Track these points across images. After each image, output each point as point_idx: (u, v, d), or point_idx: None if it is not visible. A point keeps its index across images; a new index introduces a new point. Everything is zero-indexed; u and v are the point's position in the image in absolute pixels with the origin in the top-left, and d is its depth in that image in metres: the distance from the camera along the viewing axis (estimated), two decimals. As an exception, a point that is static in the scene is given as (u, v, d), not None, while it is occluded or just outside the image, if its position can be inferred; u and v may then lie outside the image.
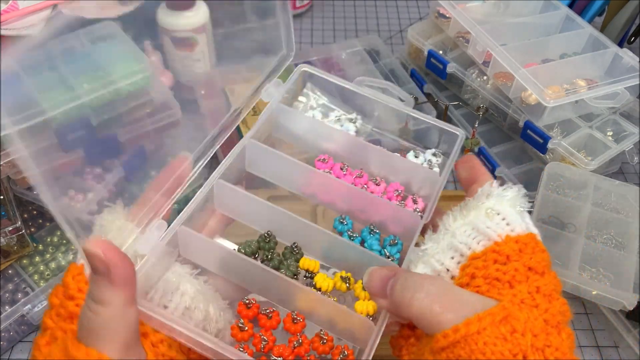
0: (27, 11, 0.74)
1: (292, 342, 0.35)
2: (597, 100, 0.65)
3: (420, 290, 0.30)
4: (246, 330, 0.34)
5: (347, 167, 0.43)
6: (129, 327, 0.30)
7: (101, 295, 0.29)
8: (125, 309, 0.30)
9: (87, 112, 0.63)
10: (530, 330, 0.28)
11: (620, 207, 0.62)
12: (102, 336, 0.29)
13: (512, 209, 0.34)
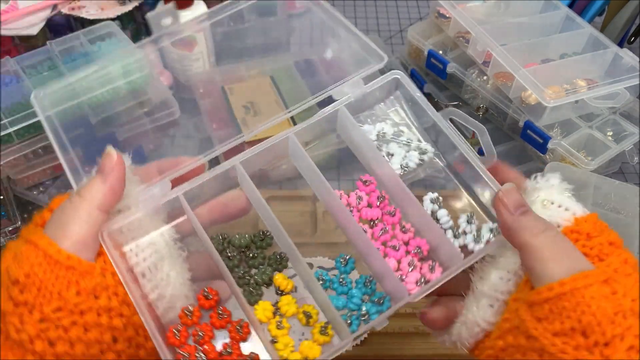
0: (27, 11, 0.74)
1: (226, 348, 0.36)
2: (597, 100, 0.65)
3: (550, 231, 0.33)
4: (190, 319, 0.36)
5: (385, 199, 0.41)
6: (89, 228, 0.34)
7: (86, 190, 0.35)
8: (97, 211, 0.34)
9: (85, 111, 0.63)
10: (629, 294, 0.30)
11: (620, 207, 0.62)
12: (65, 227, 0.33)
13: (562, 195, 0.36)
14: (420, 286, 0.37)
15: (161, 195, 0.38)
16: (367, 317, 0.37)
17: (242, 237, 0.40)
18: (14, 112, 0.59)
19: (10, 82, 0.63)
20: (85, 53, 0.67)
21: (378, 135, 0.44)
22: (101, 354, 0.34)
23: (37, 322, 0.32)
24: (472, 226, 0.40)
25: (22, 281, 0.32)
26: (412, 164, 0.43)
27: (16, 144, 0.61)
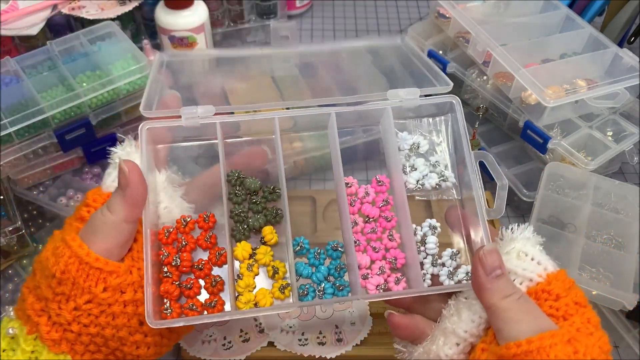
0: (27, 11, 0.74)
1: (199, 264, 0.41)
2: (597, 100, 0.65)
3: (516, 295, 0.36)
4: (184, 228, 0.41)
5: (388, 204, 0.44)
6: (119, 237, 0.38)
7: (112, 205, 0.38)
8: (124, 223, 0.38)
9: (86, 112, 0.63)
10: (590, 354, 0.33)
11: (620, 207, 0.62)
12: (95, 235, 0.38)
13: (535, 248, 0.39)
14: (378, 291, 0.40)
15: (202, 117, 0.42)
16: (322, 294, 0.40)
17: (254, 181, 0.43)
18: (14, 112, 0.59)
19: (10, 82, 0.63)
20: (85, 53, 0.67)
21: (412, 147, 0.46)
22: (129, 335, 0.39)
23: (71, 309, 0.38)
24: (452, 262, 0.42)
25: (58, 276, 0.38)
26: (428, 185, 0.44)
27: (16, 144, 0.61)
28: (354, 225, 0.42)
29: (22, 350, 0.38)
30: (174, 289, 0.40)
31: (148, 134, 0.42)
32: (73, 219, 0.41)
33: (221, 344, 0.54)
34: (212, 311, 0.40)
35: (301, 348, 0.54)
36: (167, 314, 0.39)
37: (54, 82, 0.64)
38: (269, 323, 0.55)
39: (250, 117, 0.43)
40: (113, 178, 0.42)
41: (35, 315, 0.39)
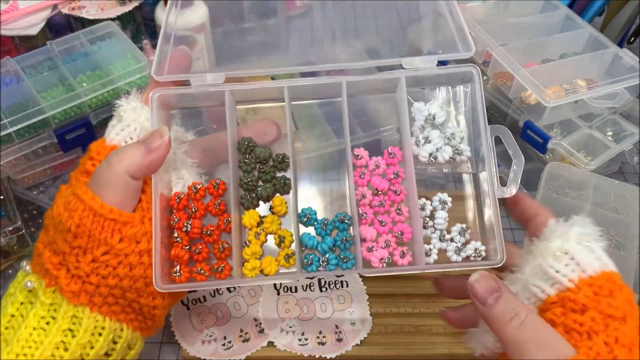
0: (27, 11, 0.74)
1: (208, 230, 0.41)
2: (597, 100, 0.65)
3: (517, 319, 0.33)
4: (194, 195, 0.42)
5: (399, 177, 0.42)
6: (128, 189, 0.39)
7: (125, 155, 0.38)
8: (130, 178, 0.38)
9: (86, 112, 0.63)
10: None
11: (620, 207, 0.62)
12: (104, 188, 0.38)
13: (580, 245, 0.36)
14: (382, 264, 0.40)
15: (213, 84, 0.42)
16: (325, 265, 0.40)
17: (265, 150, 0.43)
18: (14, 112, 0.59)
19: (11, 82, 0.63)
20: (85, 53, 0.67)
21: (427, 118, 0.44)
22: (146, 287, 0.40)
23: (89, 262, 0.38)
24: (461, 238, 0.41)
25: (73, 230, 0.38)
26: (442, 158, 0.43)
27: (16, 144, 0.61)
28: (362, 198, 0.42)
29: (41, 303, 0.39)
30: (184, 253, 0.41)
31: (158, 100, 0.42)
32: (78, 173, 0.42)
33: (221, 344, 0.54)
34: (219, 276, 0.41)
35: (301, 348, 0.54)
36: (177, 277, 0.41)
37: (54, 82, 0.64)
38: (269, 323, 0.55)
39: (260, 85, 0.43)
40: (117, 131, 0.42)
41: (54, 268, 0.39)
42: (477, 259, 0.41)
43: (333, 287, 0.58)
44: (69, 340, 0.38)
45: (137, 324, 0.42)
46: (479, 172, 0.43)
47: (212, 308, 0.56)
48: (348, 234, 0.42)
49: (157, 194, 0.40)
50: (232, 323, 0.55)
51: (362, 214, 0.41)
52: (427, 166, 0.43)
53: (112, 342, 0.41)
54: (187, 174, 0.43)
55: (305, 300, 0.57)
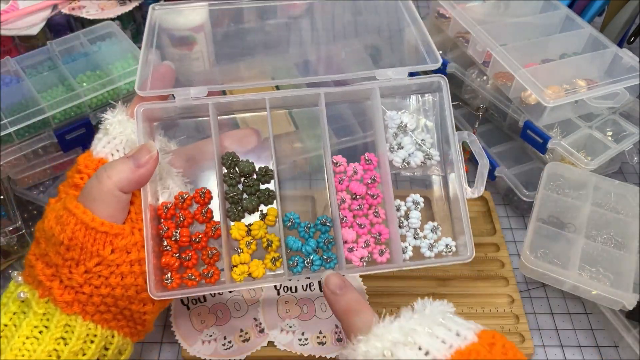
0: (27, 11, 0.74)
1: (196, 237, 0.43)
2: (597, 100, 0.65)
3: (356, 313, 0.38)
4: (181, 204, 0.44)
5: (375, 182, 0.45)
6: (118, 204, 0.40)
7: (114, 173, 0.39)
8: (122, 193, 0.40)
9: (86, 112, 0.63)
10: None
11: (620, 207, 0.62)
12: (95, 202, 0.39)
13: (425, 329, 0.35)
14: (362, 263, 0.44)
15: (196, 97, 0.44)
16: (310, 265, 0.43)
17: (249, 164, 0.45)
18: (14, 112, 0.59)
19: (11, 82, 0.63)
20: (85, 53, 0.67)
21: (399, 125, 0.47)
22: (137, 294, 0.41)
23: (82, 273, 0.39)
24: (433, 235, 0.45)
25: (66, 243, 0.39)
26: (414, 163, 0.46)
27: (16, 144, 0.61)
28: (342, 202, 0.45)
29: (34, 313, 0.40)
30: (174, 260, 0.43)
31: (143, 114, 0.43)
32: (67, 187, 0.43)
33: (221, 343, 0.54)
34: (209, 281, 0.43)
35: (301, 348, 0.54)
36: (169, 283, 0.42)
37: (54, 82, 0.64)
38: (269, 323, 0.55)
39: (241, 97, 0.45)
40: (103, 144, 0.43)
41: (47, 280, 0.40)
42: (448, 254, 0.45)
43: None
44: (61, 348, 0.39)
45: (127, 330, 0.44)
46: (448, 175, 0.47)
47: (212, 308, 0.56)
48: (330, 235, 0.44)
49: (146, 205, 0.42)
50: (232, 323, 0.55)
51: (342, 218, 0.44)
52: (400, 170, 0.47)
53: (103, 348, 0.42)
54: (172, 184, 0.45)
55: (305, 300, 0.57)
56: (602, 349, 0.58)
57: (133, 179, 0.40)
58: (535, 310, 0.61)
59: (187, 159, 0.46)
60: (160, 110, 0.45)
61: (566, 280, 0.53)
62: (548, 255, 0.57)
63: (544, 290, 0.62)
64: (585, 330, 0.59)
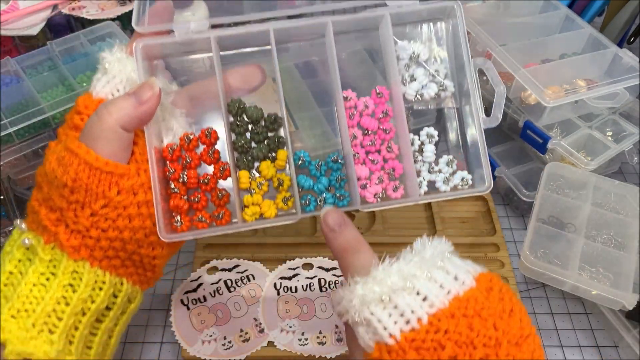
0: (27, 11, 0.74)
1: (204, 178, 0.42)
2: (597, 101, 0.65)
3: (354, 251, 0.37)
4: (187, 145, 0.42)
5: (388, 115, 0.44)
6: (121, 141, 0.38)
7: (115, 107, 0.38)
8: (121, 129, 0.38)
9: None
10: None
11: (620, 207, 0.62)
12: (97, 141, 0.37)
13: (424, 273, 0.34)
14: (376, 199, 0.42)
15: (196, 31, 0.42)
16: (323, 204, 0.42)
17: (257, 110, 0.43)
18: (14, 112, 0.59)
19: (11, 82, 0.63)
20: (85, 53, 0.67)
21: (411, 56, 0.45)
22: (145, 237, 0.40)
23: (88, 216, 0.38)
24: (448, 169, 0.44)
25: (70, 185, 0.37)
26: (427, 95, 0.44)
27: (16, 144, 0.61)
28: (354, 138, 0.43)
29: (40, 259, 0.38)
30: (183, 203, 0.41)
31: (142, 50, 0.41)
32: (67, 129, 0.41)
33: (221, 343, 0.54)
34: (219, 222, 0.42)
35: (301, 348, 0.54)
36: (178, 226, 0.41)
37: (54, 82, 0.64)
38: (269, 323, 0.55)
39: (244, 29, 0.43)
40: (103, 84, 0.41)
41: (52, 225, 0.39)
42: (464, 188, 0.43)
43: (333, 287, 0.58)
44: (69, 295, 0.38)
45: (136, 277, 0.43)
46: (463, 107, 0.44)
47: (212, 308, 0.56)
48: (342, 173, 0.43)
49: (151, 146, 0.40)
50: (232, 323, 0.55)
51: (354, 154, 0.43)
52: (413, 104, 0.45)
53: (112, 296, 0.41)
54: (176, 124, 0.43)
55: (305, 300, 0.57)
56: (602, 349, 0.58)
57: (135, 115, 0.38)
58: (535, 310, 0.61)
59: (190, 98, 0.44)
60: (161, 46, 0.43)
61: (566, 281, 0.53)
62: (548, 256, 0.57)
63: (543, 290, 0.63)
64: (585, 330, 0.59)
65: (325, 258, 0.60)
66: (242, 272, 0.58)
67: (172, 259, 0.64)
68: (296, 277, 0.58)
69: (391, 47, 0.44)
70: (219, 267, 0.58)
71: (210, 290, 0.57)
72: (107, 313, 0.41)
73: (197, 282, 0.57)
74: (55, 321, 0.37)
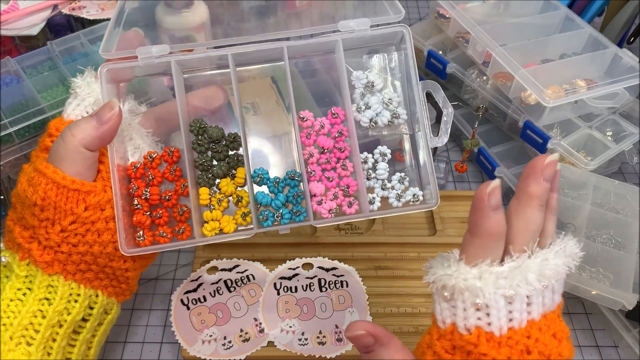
0: (27, 11, 0.74)
1: (167, 194, 0.44)
2: (597, 101, 0.65)
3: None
4: (150, 163, 0.44)
5: (343, 135, 0.46)
6: (85, 161, 0.40)
7: (78, 131, 0.39)
8: (85, 150, 0.40)
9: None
10: None
11: (620, 207, 0.62)
12: (63, 161, 0.39)
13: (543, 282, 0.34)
14: (331, 215, 0.44)
15: (157, 55, 0.44)
16: (280, 219, 0.44)
17: (217, 130, 0.45)
18: (14, 112, 0.59)
19: (11, 82, 0.63)
20: (85, 53, 0.67)
21: (366, 85, 0.47)
22: (115, 251, 0.42)
23: (58, 232, 0.40)
24: (400, 186, 0.46)
25: (39, 203, 0.39)
26: (381, 122, 0.47)
27: (16, 144, 0.61)
28: (310, 156, 0.45)
29: (16, 276, 0.40)
30: (145, 218, 0.43)
31: (108, 74, 0.44)
32: (38, 151, 0.43)
33: (221, 343, 0.54)
34: (181, 237, 0.44)
35: (301, 348, 0.54)
36: (141, 241, 0.43)
37: (55, 82, 0.64)
38: (269, 323, 0.55)
39: (204, 54, 0.45)
40: (73, 107, 0.44)
41: (26, 242, 0.41)
42: (415, 204, 0.45)
43: (333, 287, 0.58)
44: (45, 308, 0.40)
45: (111, 289, 0.45)
46: (415, 133, 0.47)
47: (212, 308, 0.56)
48: (299, 189, 0.45)
49: (114, 164, 0.42)
50: (232, 323, 0.55)
51: (310, 172, 0.45)
52: (368, 130, 0.47)
53: (88, 307, 0.43)
54: (142, 144, 0.45)
55: (305, 300, 0.57)
56: (602, 349, 0.58)
57: (97, 135, 0.40)
58: (535, 310, 0.61)
59: (156, 119, 0.47)
60: (125, 69, 0.45)
61: (566, 280, 0.53)
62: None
63: (543, 290, 0.63)
64: (585, 330, 0.59)
65: (325, 258, 0.60)
66: (242, 272, 0.58)
67: (172, 258, 0.64)
68: (296, 277, 0.58)
69: (343, 71, 0.46)
70: (219, 267, 0.58)
71: (210, 290, 0.57)
72: (84, 324, 0.43)
73: (197, 282, 0.57)
74: (32, 334, 0.39)
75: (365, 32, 0.46)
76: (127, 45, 0.44)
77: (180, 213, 0.44)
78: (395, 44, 0.48)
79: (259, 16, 0.91)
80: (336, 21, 0.45)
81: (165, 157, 0.45)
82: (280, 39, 0.45)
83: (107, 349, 0.56)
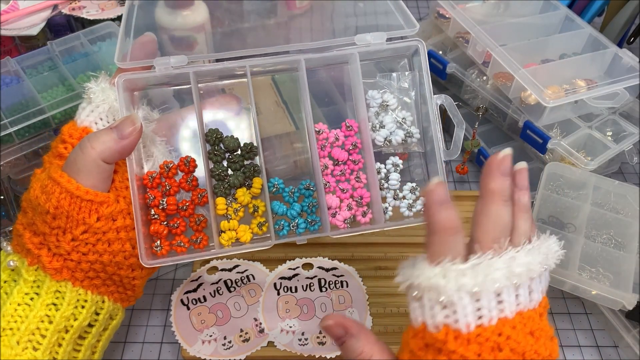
0: (28, 11, 0.74)
1: (184, 204, 0.44)
2: (597, 101, 0.65)
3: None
4: (167, 173, 0.44)
5: (357, 147, 0.47)
6: (102, 173, 0.40)
7: (98, 143, 0.39)
8: (103, 163, 0.40)
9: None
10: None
11: (620, 207, 0.62)
12: (80, 172, 0.40)
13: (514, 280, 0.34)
14: (346, 225, 0.45)
15: (176, 66, 0.44)
16: (295, 229, 0.44)
17: (234, 140, 0.45)
18: (14, 112, 0.59)
19: (11, 82, 0.63)
20: (85, 53, 0.67)
21: (381, 105, 0.48)
22: (124, 260, 0.42)
23: (69, 241, 0.40)
24: (412, 195, 0.47)
25: (52, 212, 0.39)
26: (395, 141, 0.48)
27: (16, 144, 0.61)
28: (325, 168, 0.46)
29: (25, 280, 0.40)
30: (162, 228, 0.43)
31: (124, 84, 0.44)
32: (52, 157, 0.43)
33: (221, 343, 0.54)
34: (197, 247, 0.44)
35: (301, 348, 0.54)
36: (158, 250, 0.43)
37: (55, 82, 0.64)
38: (269, 323, 0.55)
39: (222, 65, 0.45)
40: (87, 113, 0.43)
41: (35, 248, 0.41)
42: None
43: (333, 287, 0.58)
44: (53, 313, 0.40)
45: (117, 295, 0.45)
46: (427, 151, 0.48)
47: (212, 308, 0.56)
48: (314, 199, 0.46)
49: (133, 176, 0.42)
50: (232, 323, 0.55)
51: (325, 183, 0.46)
52: (382, 148, 0.48)
53: (94, 313, 0.43)
54: (156, 152, 0.45)
55: (305, 300, 0.57)
56: (602, 349, 0.58)
57: (116, 150, 0.40)
58: (535, 310, 0.61)
59: (170, 126, 0.47)
60: (141, 79, 0.45)
61: (566, 280, 0.53)
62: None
63: (543, 290, 0.63)
64: (585, 330, 0.59)
65: (325, 258, 0.60)
66: (242, 272, 0.58)
67: (172, 259, 0.64)
68: (296, 277, 0.58)
69: (359, 83, 0.47)
70: (219, 267, 0.58)
71: (210, 290, 0.57)
72: (90, 330, 0.43)
73: (197, 282, 0.57)
74: (39, 339, 0.39)
75: (381, 46, 0.46)
76: (141, 52, 0.44)
77: (197, 223, 0.44)
78: (407, 56, 0.49)
79: (259, 16, 0.91)
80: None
81: (181, 166, 0.45)
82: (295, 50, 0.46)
83: (107, 349, 0.56)
